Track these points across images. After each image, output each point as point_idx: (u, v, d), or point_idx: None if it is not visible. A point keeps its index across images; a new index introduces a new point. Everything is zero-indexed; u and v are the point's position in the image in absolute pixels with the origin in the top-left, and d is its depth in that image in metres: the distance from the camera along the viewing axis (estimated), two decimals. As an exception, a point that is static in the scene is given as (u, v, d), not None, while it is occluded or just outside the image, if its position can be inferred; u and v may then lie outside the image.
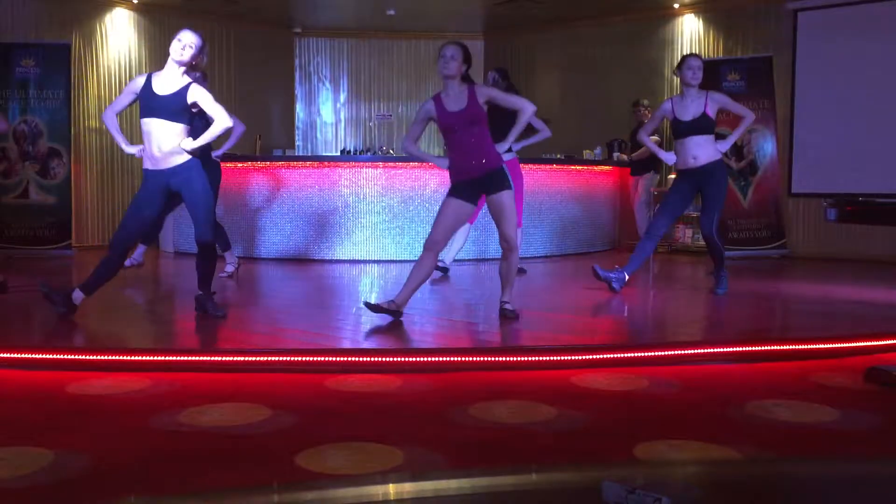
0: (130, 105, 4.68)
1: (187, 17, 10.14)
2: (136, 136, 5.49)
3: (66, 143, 8.59)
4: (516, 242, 4.71)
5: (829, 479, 2.54)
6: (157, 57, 9.55)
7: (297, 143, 11.65)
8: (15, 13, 8.82)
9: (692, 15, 9.70)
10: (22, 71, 8.41)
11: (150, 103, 4.50)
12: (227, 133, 6.71)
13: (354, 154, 10.43)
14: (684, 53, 9.60)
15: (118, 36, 9.52)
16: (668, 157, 5.88)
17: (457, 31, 11.27)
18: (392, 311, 4.69)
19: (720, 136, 8.83)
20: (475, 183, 4.64)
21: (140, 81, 4.58)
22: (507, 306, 4.80)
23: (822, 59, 8.68)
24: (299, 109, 11.82)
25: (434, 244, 4.69)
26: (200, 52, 4.60)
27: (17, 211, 8.39)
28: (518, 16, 10.55)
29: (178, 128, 4.54)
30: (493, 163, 4.62)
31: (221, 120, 4.66)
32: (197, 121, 6.40)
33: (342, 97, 11.87)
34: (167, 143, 4.52)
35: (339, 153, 11.09)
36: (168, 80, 4.55)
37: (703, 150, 5.65)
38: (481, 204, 6.47)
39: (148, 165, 4.60)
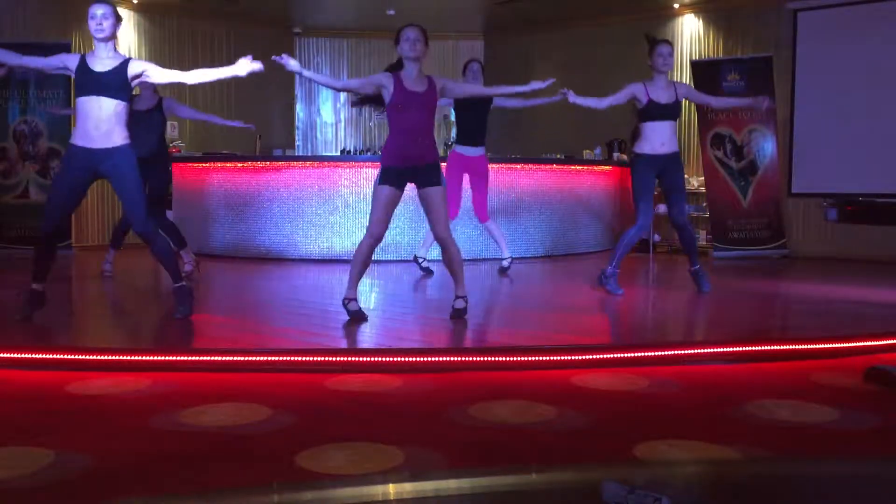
0: (47, 70, 4.53)
1: (187, 17, 10.16)
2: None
3: (66, 143, 8.57)
4: (450, 236, 4.68)
5: (829, 479, 2.54)
6: (157, 57, 9.55)
7: (297, 143, 11.65)
8: (15, 13, 8.83)
9: (692, 15, 9.70)
10: (22, 71, 8.41)
11: (87, 79, 4.36)
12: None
13: (354, 154, 10.44)
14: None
15: (118, 36, 9.51)
16: (595, 102, 5.85)
17: (457, 31, 11.29)
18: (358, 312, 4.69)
19: (718, 136, 8.93)
20: (409, 171, 4.58)
21: (73, 58, 4.45)
22: (459, 304, 4.74)
23: (822, 59, 8.69)
24: (299, 109, 11.82)
25: (376, 231, 4.68)
26: (119, 19, 4.50)
27: (17, 211, 8.40)
28: (518, 16, 10.56)
29: (120, 105, 4.42)
30: (433, 156, 4.61)
31: (171, 73, 4.55)
32: (156, 115, 6.38)
33: (342, 97, 11.87)
34: (106, 121, 4.39)
35: (339, 153, 11.10)
36: (103, 60, 4.43)
37: (670, 137, 5.68)
38: (456, 199, 6.54)
39: (79, 142, 4.44)
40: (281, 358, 3.86)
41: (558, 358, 3.92)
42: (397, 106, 4.55)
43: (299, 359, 3.87)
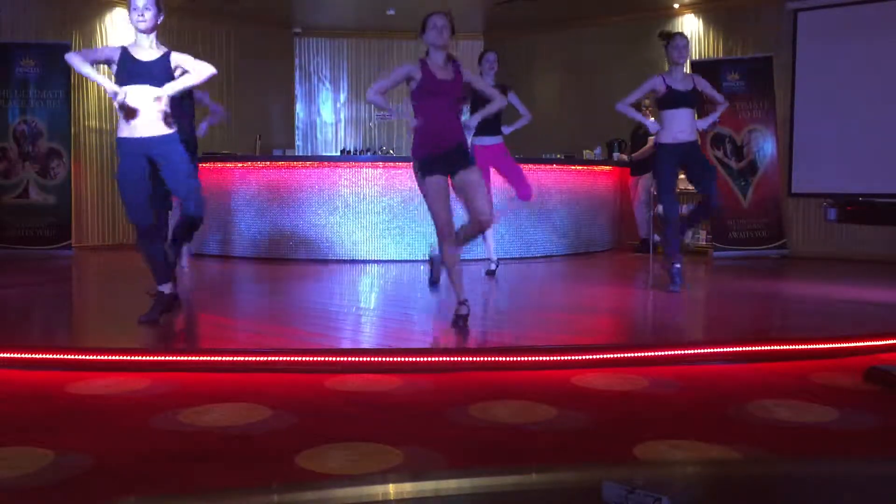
0: (100, 63, 4.42)
1: (187, 17, 10.15)
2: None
3: (66, 143, 8.59)
4: (493, 216, 4.60)
5: (829, 479, 2.54)
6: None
7: (297, 143, 11.65)
8: (15, 13, 8.83)
9: (692, 15, 9.70)
10: (22, 71, 8.42)
11: (132, 69, 4.30)
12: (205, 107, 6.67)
13: (354, 154, 10.44)
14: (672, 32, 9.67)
15: (118, 36, 9.51)
16: (652, 125, 5.92)
17: (457, 31, 11.27)
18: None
19: (718, 136, 8.93)
20: (442, 157, 4.48)
21: (115, 50, 4.38)
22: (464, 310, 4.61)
23: (822, 59, 8.69)
24: (299, 109, 11.82)
25: (447, 230, 4.51)
26: (160, 10, 4.42)
27: (17, 211, 8.40)
28: (518, 16, 10.55)
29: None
30: (460, 137, 4.54)
31: (200, 69, 4.43)
32: (186, 102, 6.44)
33: (342, 97, 11.87)
34: (150, 110, 4.35)
35: (339, 153, 11.09)
36: (146, 50, 4.39)
37: (689, 125, 5.78)
38: (520, 178, 6.50)
39: (125, 133, 4.39)
40: (281, 358, 3.85)
41: (558, 358, 3.92)
42: (425, 94, 4.45)
43: (299, 359, 3.86)
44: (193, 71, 4.43)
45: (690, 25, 9.73)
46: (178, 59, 4.44)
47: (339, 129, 11.93)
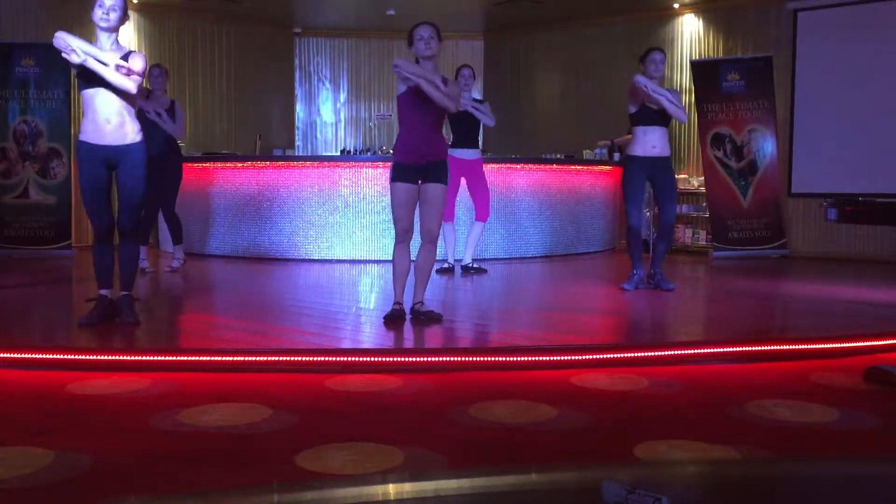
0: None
1: (187, 16, 10.16)
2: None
3: (66, 143, 8.58)
4: (438, 236, 4.76)
5: (829, 479, 2.54)
6: (156, 57, 9.55)
7: (297, 143, 11.65)
8: (15, 13, 8.83)
9: (692, 15, 9.70)
10: (22, 71, 8.41)
11: (92, 71, 4.22)
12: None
13: (354, 154, 10.44)
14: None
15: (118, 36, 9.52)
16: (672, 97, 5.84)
17: (457, 31, 11.28)
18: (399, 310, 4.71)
19: (718, 136, 8.93)
20: (421, 168, 4.57)
21: None
22: (423, 307, 4.73)
23: (822, 59, 8.69)
24: (299, 109, 11.82)
25: (406, 236, 4.64)
26: (125, 14, 4.39)
27: (17, 211, 8.39)
28: (518, 16, 10.55)
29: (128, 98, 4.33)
30: (443, 154, 4.64)
31: (126, 80, 4.24)
32: (167, 116, 6.54)
33: (342, 97, 11.87)
34: (117, 115, 4.30)
35: (339, 153, 11.09)
36: (106, 51, 4.32)
37: (661, 141, 5.84)
38: (452, 202, 6.66)
39: (90, 139, 4.33)
40: (281, 358, 3.86)
41: (558, 358, 3.92)
42: (413, 103, 4.52)
43: (299, 359, 3.87)
44: (124, 68, 4.25)
45: (690, 25, 9.73)
46: (132, 60, 4.35)
47: (339, 129, 11.93)
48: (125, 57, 4.37)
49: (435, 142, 4.61)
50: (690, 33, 9.73)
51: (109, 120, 4.32)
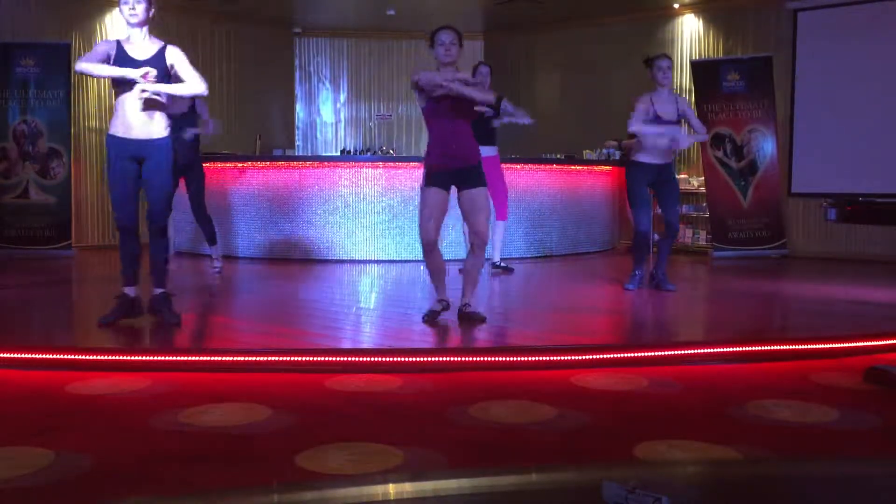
0: (104, 62, 4.29)
1: (187, 16, 10.15)
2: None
3: (66, 143, 8.59)
4: (487, 239, 4.70)
5: (829, 479, 2.54)
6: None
7: (297, 143, 11.65)
8: (15, 13, 8.82)
9: (692, 15, 9.70)
10: (22, 71, 8.41)
11: (126, 67, 4.22)
12: (195, 116, 6.62)
13: (354, 154, 10.44)
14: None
15: (118, 36, 9.52)
16: (680, 137, 5.88)
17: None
18: (444, 308, 4.72)
19: (718, 136, 8.93)
20: (453, 173, 4.55)
21: (111, 45, 4.31)
22: (469, 308, 4.73)
23: (822, 59, 8.68)
24: (299, 109, 11.82)
25: (430, 245, 4.60)
26: (151, 4, 4.36)
27: (17, 211, 8.39)
28: (518, 16, 10.55)
29: (161, 94, 4.31)
30: (476, 157, 4.60)
31: (193, 84, 4.36)
32: (190, 117, 6.47)
33: (342, 97, 11.87)
34: (147, 111, 4.29)
35: (339, 153, 11.10)
36: (140, 46, 4.32)
37: (668, 149, 5.85)
38: (503, 200, 6.63)
39: (119, 132, 4.31)
40: (281, 358, 3.86)
41: (558, 358, 3.92)
42: (438, 110, 4.50)
43: (299, 359, 3.87)
44: (187, 81, 4.37)
45: (690, 25, 9.73)
46: (173, 56, 4.37)
47: (339, 129, 11.93)
48: (162, 50, 4.35)
49: (469, 145, 4.56)
50: (690, 33, 9.73)
51: (139, 115, 4.29)
